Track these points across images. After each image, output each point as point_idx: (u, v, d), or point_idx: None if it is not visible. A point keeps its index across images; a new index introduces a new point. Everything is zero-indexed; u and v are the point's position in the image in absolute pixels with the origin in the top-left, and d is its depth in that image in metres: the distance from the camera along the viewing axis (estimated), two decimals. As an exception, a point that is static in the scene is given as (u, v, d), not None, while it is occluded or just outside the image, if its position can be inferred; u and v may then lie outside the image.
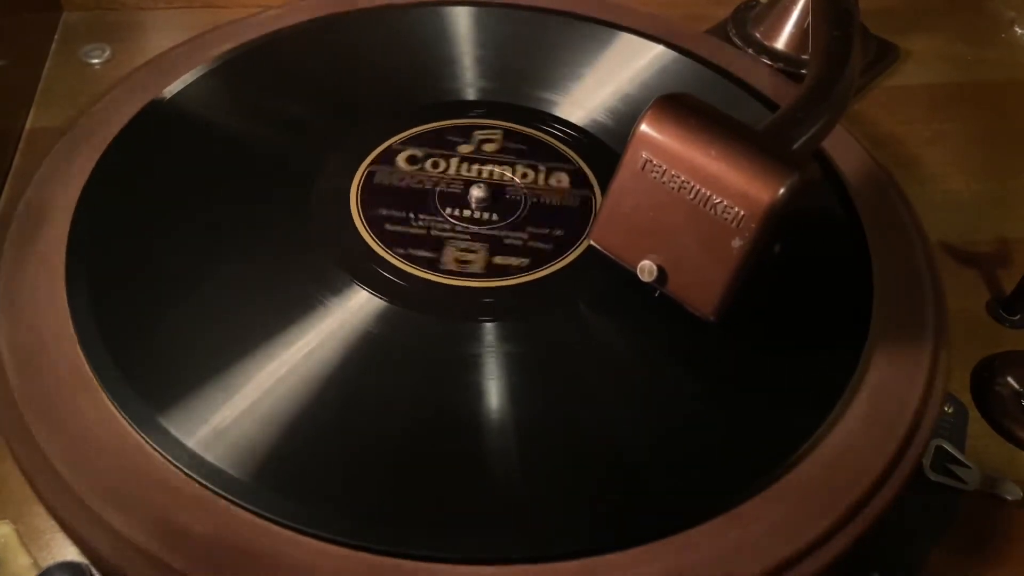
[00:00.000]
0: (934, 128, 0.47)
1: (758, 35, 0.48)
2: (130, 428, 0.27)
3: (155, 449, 0.26)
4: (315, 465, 0.27)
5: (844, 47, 0.36)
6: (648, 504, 0.27)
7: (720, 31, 0.50)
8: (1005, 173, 0.45)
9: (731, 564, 0.26)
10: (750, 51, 0.48)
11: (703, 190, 0.27)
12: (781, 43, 0.48)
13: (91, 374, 0.28)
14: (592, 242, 0.31)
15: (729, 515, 0.27)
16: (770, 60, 0.47)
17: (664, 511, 0.26)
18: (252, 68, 0.40)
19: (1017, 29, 0.53)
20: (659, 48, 0.42)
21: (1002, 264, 0.40)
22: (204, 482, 0.26)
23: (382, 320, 0.31)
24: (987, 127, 0.47)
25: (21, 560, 0.28)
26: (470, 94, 0.40)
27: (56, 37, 0.48)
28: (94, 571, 0.25)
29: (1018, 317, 0.38)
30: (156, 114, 0.37)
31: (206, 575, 0.24)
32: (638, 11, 0.45)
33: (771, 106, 0.40)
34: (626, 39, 0.43)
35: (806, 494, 0.28)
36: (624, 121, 0.39)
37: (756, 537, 0.26)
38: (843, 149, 0.38)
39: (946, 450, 0.32)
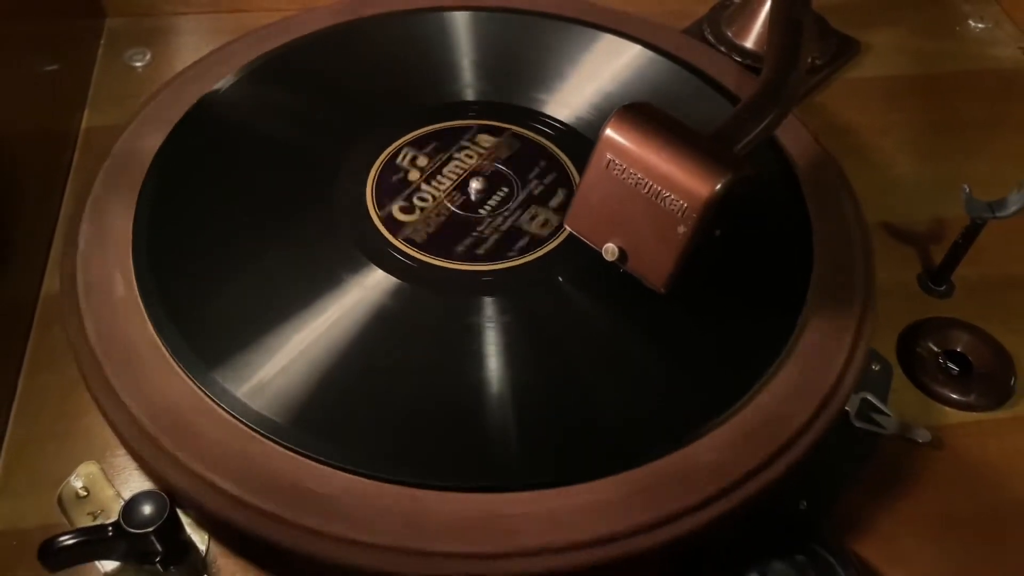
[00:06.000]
0: (888, 118, 0.52)
1: (730, 34, 0.54)
2: (190, 381, 0.33)
3: (210, 397, 0.33)
4: (340, 413, 0.33)
5: (792, 54, 0.41)
6: (612, 442, 0.33)
7: (696, 29, 0.55)
8: (947, 158, 0.50)
9: (687, 486, 0.32)
10: (722, 48, 0.53)
11: (655, 186, 0.33)
12: (750, 41, 0.53)
13: (156, 337, 0.34)
14: (566, 226, 0.37)
15: (685, 450, 0.33)
16: (740, 57, 0.52)
17: (625, 449, 0.33)
18: (280, 72, 0.46)
19: (971, 22, 0.58)
20: (637, 48, 0.47)
21: (935, 241, 0.45)
22: (252, 425, 0.32)
23: (395, 295, 0.37)
24: (936, 116, 0.52)
25: (107, 492, 0.34)
26: (469, 95, 0.46)
27: (102, 43, 0.54)
28: (167, 499, 0.31)
29: (944, 288, 0.43)
30: (201, 115, 0.43)
31: (262, 505, 0.30)
32: (622, 12, 0.50)
33: (736, 100, 0.45)
34: (610, 40, 0.48)
35: (748, 431, 0.34)
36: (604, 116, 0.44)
37: (706, 464, 0.32)
38: (794, 137, 0.44)
39: (870, 401, 0.38)
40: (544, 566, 0.30)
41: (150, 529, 0.30)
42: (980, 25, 0.58)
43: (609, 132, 0.34)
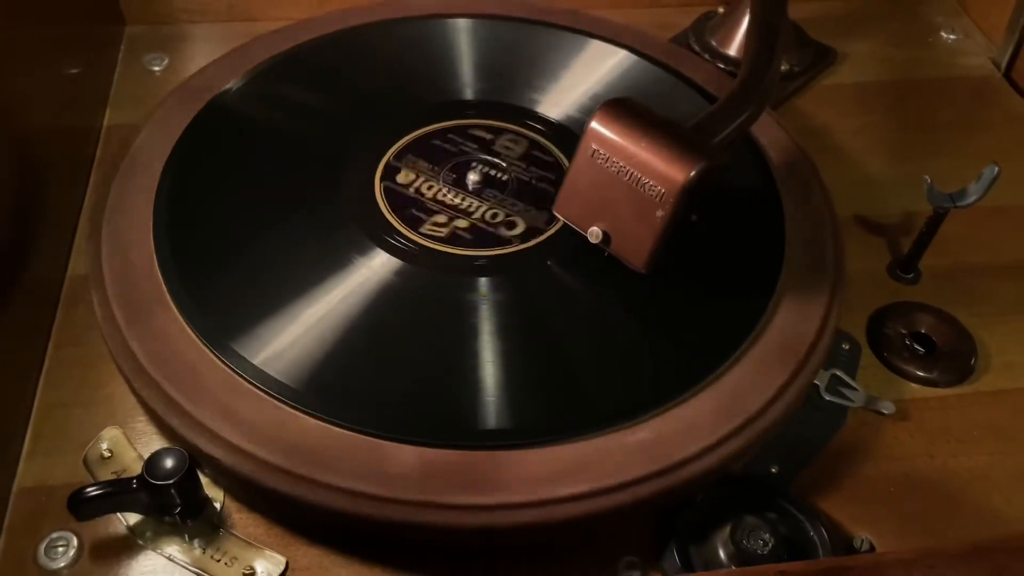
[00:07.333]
0: (861, 120, 0.55)
1: (714, 43, 0.57)
2: (208, 351, 0.36)
3: (228, 366, 0.36)
4: (346, 378, 0.36)
5: (766, 57, 0.44)
6: (600, 401, 0.36)
7: (682, 39, 0.58)
8: (918, 158, 0.53)
9: (670, 447, 0.35)
10: (706, 56, 0.56)
11: (636, 173, 0.36)
12: (732, 49, 0.56)
13: (180, 315, 0.37)
14: (554, 212, 0.40)
15: (672, 412, 0.36)
16: (723, 64, 0.55)
17: (612, 409, 0.35)
18: (294, 71, 0.49)
19: (943, 33, 0.61)
20: (623, 53, 0.51)
21: (904, 233, 0.48)
22: (267, 389, 0.35)
23: (397, 274, 0.40)
24: (907, 119, 0.55)
25: (130, 454, 0.37)
26: (468, 94, 0.49)
27: (122, 47, 0.57)
28: (187, 455, 0.34)
29: (912, 275, 0.46)
30: (216, 110, 0.46)
31: (268, 458, 0.33)
32: (614, 22, 0.53)
33: (715, 102, 0.48)
34: (600, 46, 0.51)
35: (722, 400, 0.36)
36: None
37: (686, 426, 0.35)
38: (769, 135, 0.47)
39: (840, 377, 0.41)
40: (540, 516, 0.33)
41: (171, 481, 0.33)
42: (951, 36, 0.61)
43: (594, 124, 0.37)
